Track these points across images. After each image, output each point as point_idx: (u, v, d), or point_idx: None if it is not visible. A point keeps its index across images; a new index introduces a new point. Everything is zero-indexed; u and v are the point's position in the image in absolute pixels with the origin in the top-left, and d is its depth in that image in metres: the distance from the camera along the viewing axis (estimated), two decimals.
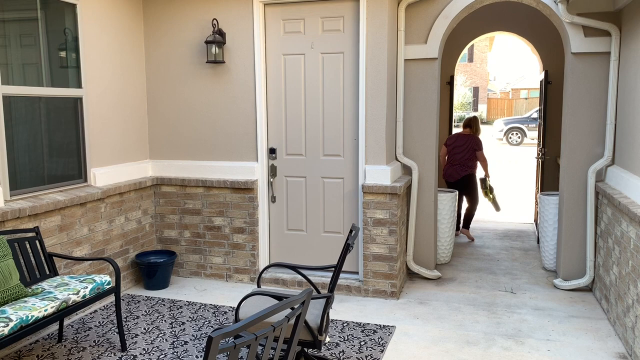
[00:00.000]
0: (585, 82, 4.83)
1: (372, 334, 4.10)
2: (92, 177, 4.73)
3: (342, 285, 4.98)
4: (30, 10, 4.16)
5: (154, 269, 5.04)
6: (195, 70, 5.22)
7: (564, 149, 5.00)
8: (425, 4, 5.06)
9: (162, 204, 5.44)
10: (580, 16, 4.70)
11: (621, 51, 4.63)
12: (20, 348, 3.89)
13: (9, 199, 3.95)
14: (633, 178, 4.02)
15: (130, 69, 5.18)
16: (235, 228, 5.24)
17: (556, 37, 6.85)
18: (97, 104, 4.78)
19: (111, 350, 3.86)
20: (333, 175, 5.03)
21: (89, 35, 4.65)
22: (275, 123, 5.13)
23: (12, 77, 4.00)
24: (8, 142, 3.95)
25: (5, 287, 3.26)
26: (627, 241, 3.85)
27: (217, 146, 5.27)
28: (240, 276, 5.29)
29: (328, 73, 4.92)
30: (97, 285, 3.65)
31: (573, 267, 5.03)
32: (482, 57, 36.85)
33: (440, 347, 3.90)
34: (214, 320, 4.39)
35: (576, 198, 4.96)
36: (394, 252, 4.79)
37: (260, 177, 5.17)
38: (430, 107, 5.14)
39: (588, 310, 4.56)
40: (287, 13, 4.96)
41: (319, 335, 3.17)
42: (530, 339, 4.02)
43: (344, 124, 4.93)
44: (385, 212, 4.75)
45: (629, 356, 3.73)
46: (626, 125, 4.40)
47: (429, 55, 5.06)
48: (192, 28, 5.17)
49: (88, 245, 4.62)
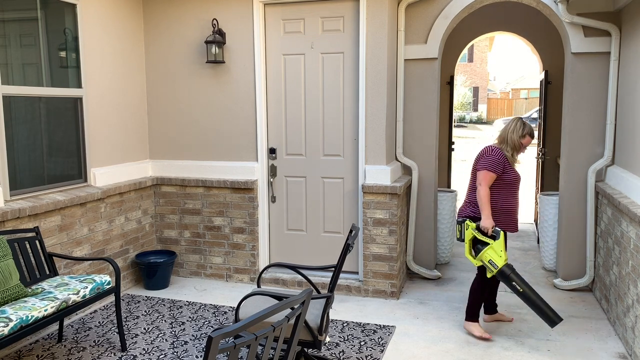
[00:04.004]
0: (585, 82, 4.83)
1: (372, 334, 4.10)
2: (92, 177, 4.73)
3: (342, 285, 4.98)
4: (30, 10, 4.16)
5: (154, 269, 5.04)
6: (195, 70, 5.22)
7: (564, 149, 5.00)
8: (425, 4, 5.06)
9: (162, 204, 5.44)
10: (580, 16, 4.70)
11: (621, 51, 4.63)
12: (20, 348, 3.89)
13: (9, 199, 3.95)
14: (633, 178, 4.02)
15: (130, 69, 5.18)
16: (235, 228, 5.24)
17: (556, 37, 6.85)
18: (97, 104, 4.78)
19: (111, 350, 3.86)
20: (333, 175, 5.03)
21: (89, 35, 4.65)
22: (275, 123, 5.13)
23: (12, 77, 4.00)
24: (8, 142, 3.95)
25: (5, 287, 3.26)
26: (627, 241, 3.85)
27: (217, 146, 5.27)
28: (240, 276, 5.29)
29: (328, 73, 4.92)
30: (97, 285, 3.65)
31: (573, 267, 5.03)
32: (482, 57, 36.85)
33: (440, 347, 3.90)
34: (214, 320, 4.39)
35: (576, 198, 4.96)
36: (394, 252, 4.79)
37: (260, 177, 5.17)
38: (430, 107, 5.14)
39: (588, 310, 4.56)
40: (287, 13, 4.96)
41: (319, 335, 3.17)
42: (530, 339, 4.02)
43: (344, 124, 4.93)
44: (385, 212, 4.75)
45: (629, 356, 3.73)
46: (626, 125, 4.40)
47: (429, 55, 5.06)
48: (192, 28, 5.17)
49: (88, 245, 4.62)
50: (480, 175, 3.92)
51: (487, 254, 3.88)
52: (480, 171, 3.93)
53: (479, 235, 3.93)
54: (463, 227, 4.01)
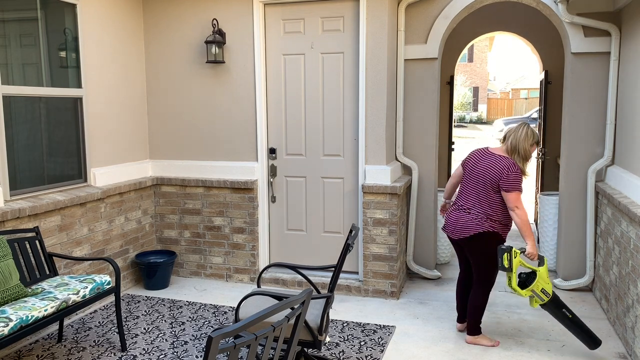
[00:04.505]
0: (585, 82, 4.83)
1: (372, 334, 4.10)
2: (92, 177, 4.73)
3: (342, 285, 4.98)
4: (30, 10, 4.16)
5: (154, 269, 5.04)
6: (195, 70, 5.22)
7: (564, 149, 5.00)
8: (425, 4, 5.06)
9: (162, 204, 5.44)
10: (580, 16, 4.70)
11: (621, 51, 4.63)
12: (20, 348, 3.89)
13: (9, 199, 3.95)
14: (633, 178, 4.02)
15: (130, 69, 5.18)
16: (235, 228, 5.24)
17: (556, 37, 6.84)
18: (97, 104, 4.78)
19: (111, 350, 3.86)
20: (333, 175, 5.03)
21: (89, 35, 4.65)
22: (275, 123, 5.13)
23: (12, 77, 4.00)
24: (8, 142, 3.95)
25: (5, 287, 3.26)
26: (627, 241, 3.85)
27: (217, 146, 5.27)
28: (240, 276, 5.29)
29: (328, 73, 4.92)
30: (97, 285, 3.65)
31: (573, 267, 5.03)
32: (482, 57, 36.85)
33: (440, 347, 3.90)
34: (214, 320, 4.39)
35: (576, 198, 4.96)
36: (394, 252, 4.79)
37: (260, 177, 5.17)
38: (430, 107, 5.14)
39: (588, 310, 4.56)
40: (287, 13, 4.96)
41: (319, 335, 3.17)
42: (530, 339, 4.02)
43: (344, 124, 4.93)
44: (385, 212, 4.75)
45: (629, 356, 3.73)
46: (626, 125, 4.40)
47: (429, 55, 5.06)
48: (192, 28, 5.17)
49: (88, 245, 4.62)
50: (513, 198, 3.60)
51: (540, 282, 3.58)
52: (512, 193, 3.59)
53: (525, 264, 3.62)
54: (511, 255, 3.55)
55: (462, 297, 4.10)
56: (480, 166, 3.74)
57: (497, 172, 3.65)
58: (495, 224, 3.71)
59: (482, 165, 3.74)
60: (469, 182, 3.81)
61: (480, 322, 3.91)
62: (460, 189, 3.90)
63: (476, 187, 3.75)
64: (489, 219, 3.70)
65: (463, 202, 3.81)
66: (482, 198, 3.72)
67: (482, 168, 3.73)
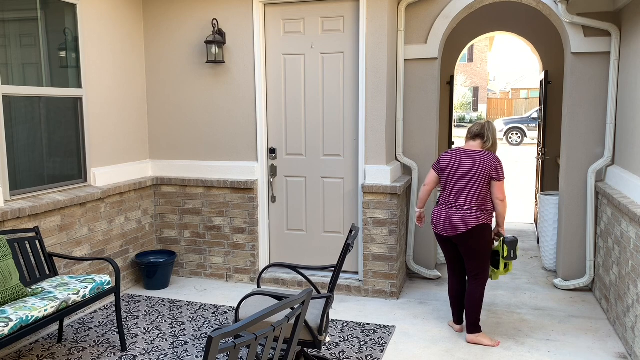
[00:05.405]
0: (585, 82, 4.83)
1: (372, 334, 4.10)
2: (92, 177, 4.73)
3: (342, 285, 4.98)
4: (30, 10, 4.16)
5: (154, 269, 5.04)
6: (195, 70, 5.22)
7: (564, 149, 5.00)
8: (425, 4, 5.06)
9: (162, 204, 5.44)
10: (580, 16, 4.70)
11: (621, 51, 4.63)
12: (20, 348, 3.89)
13: (9, 199, 3.95)
14: (633, 178, 4.02)
15: (130, 69, 5.18)
16: (235, 228, 5.24)
17: (556, 37, 6.85)
18: (97, 104, 4.78)
19: (111, 350, 3.86)
20: (333, 175, 5.03)
21: (89, 35, 4.65)
22: (275, 123, 5.13)
23: (12, 77, 4.00)
24: (8, 142, 3.95)
25: (5, 287, 3.26)
26: (627, 241, 3.85)
27: (217, 146, 5.27)
28: (240, 276, 5.29)
29: (328, 73, 4.92)
30: (97, 285, 3.65)
31: (573, 267, 5.03)
32: (482, 57, 36.86)
33: (440, 347, 3.90)
34: (214, 320, 4.39)
35: (576, 198, 4.96)
36: (394, 252, 4.79)
37: (260, 177, 5.17)
38: (430, 107, 5.14)
39: (588, 310, 4.56)
40: (287, 13, 4.96)
41: (319, 335, 3.17)
42: (530, 339, 4.02)
43: (344, 124, 4.93)
44: (385, 212, 4.75)
45: (629, 356, 3.73)
46: (626, 125, 4.40)
47: (429, 55, 5.06)
48: (192, 28, 5.17)
49: (88, 245, 4.62)
50: (502, 187, 3.85)
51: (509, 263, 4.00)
52: (501, 182, 3.84)
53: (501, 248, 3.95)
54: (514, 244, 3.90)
55: (457, 299, 4.13)
56: (468, 164, 3.89)
57: (486, 165, 3.86)
58: (488, 215, 3.89)
59: (469, 162, 3.89)
60: (455, 181, 3.92)
61: (479, 319, 3.94)
62: (445, 189, 3.99)
63: (467, 184, 3.87)
64: (481, 211, 3.86)
65: (454, 200, 3.91)
66: (474, 193, 3.86)
67: (470, 165, 3.88)
